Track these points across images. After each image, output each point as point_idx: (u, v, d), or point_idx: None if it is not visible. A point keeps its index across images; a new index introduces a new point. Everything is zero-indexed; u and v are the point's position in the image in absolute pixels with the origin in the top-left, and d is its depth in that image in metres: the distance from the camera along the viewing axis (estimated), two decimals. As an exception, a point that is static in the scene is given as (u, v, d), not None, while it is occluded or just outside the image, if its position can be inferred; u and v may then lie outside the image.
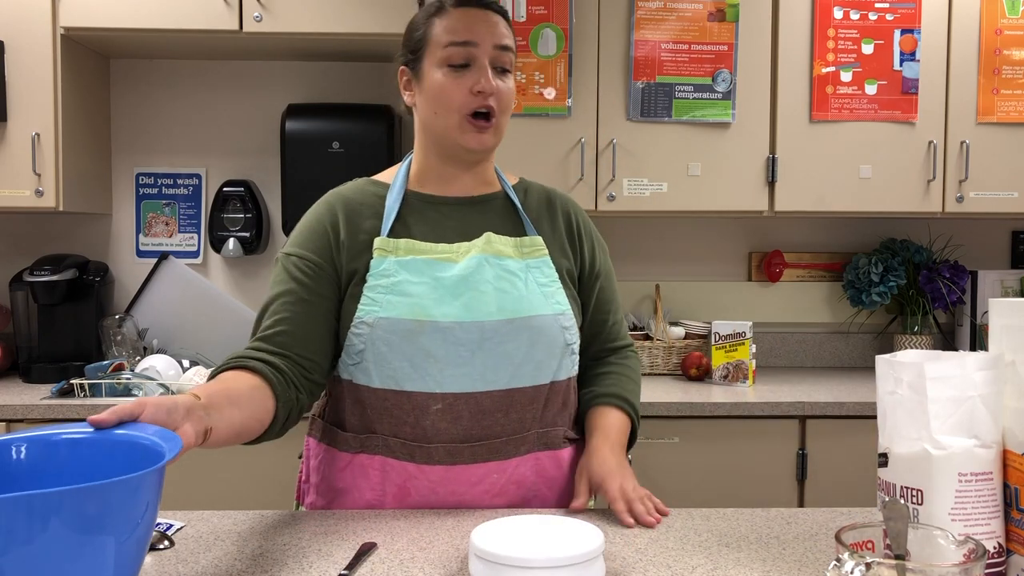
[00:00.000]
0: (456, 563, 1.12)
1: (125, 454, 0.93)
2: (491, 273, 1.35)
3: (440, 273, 1.34)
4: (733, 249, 3.09)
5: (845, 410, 2.44)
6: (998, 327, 1.04)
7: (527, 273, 1.38)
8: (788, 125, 2.71)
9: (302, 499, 1.49)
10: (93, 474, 0.93)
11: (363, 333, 1.32)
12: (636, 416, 1.48)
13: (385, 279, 1.33)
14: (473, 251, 1.37)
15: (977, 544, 0.86)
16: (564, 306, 1.39)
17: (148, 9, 2.58)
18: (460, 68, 1.35)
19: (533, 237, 1.42)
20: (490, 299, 1.33)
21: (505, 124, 1.41)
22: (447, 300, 1.32)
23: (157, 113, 3.01)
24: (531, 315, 1.35)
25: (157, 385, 2.45)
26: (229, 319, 2.79)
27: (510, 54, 1.38)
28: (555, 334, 1.37)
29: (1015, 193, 2.74)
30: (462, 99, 1.35)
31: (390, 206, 1.39)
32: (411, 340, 1.30)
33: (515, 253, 1.39)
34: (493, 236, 1.39)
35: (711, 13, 2.67)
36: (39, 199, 2.58)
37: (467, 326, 1.31)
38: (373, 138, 2.78)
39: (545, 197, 1.50)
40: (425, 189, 1.44)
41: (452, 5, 1.38)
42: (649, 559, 1.14)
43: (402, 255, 1.35)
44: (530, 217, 1.46)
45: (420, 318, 1.30)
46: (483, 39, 1.35)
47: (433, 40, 1.37)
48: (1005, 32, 2.71)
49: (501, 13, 1.40)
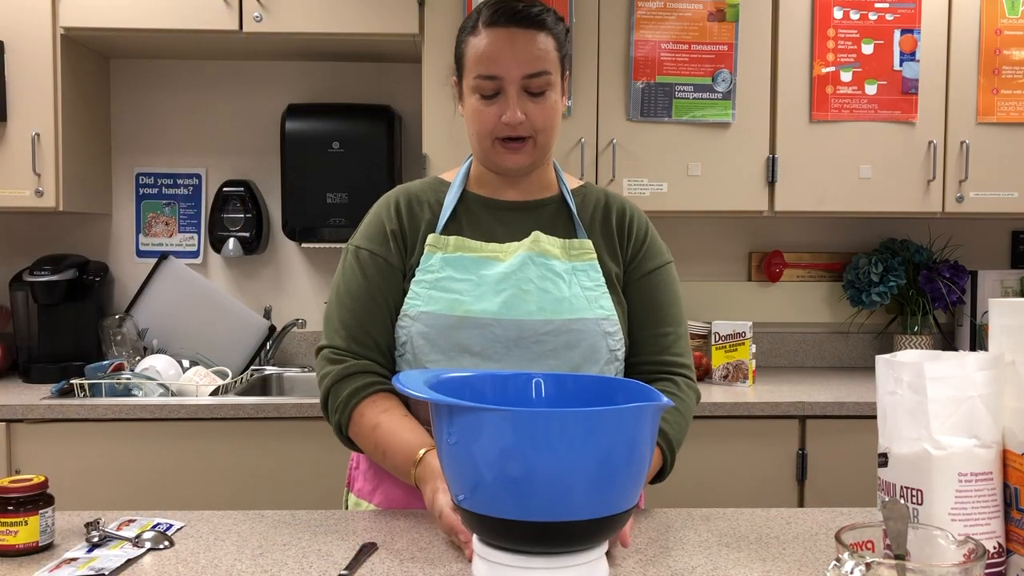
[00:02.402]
0: (456, 563, 1.12)
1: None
2: (535, 272, 1.35)
3: (484, 270, 1.35)
4: (733, 249, 3.09)
5: (845, 410, 2.44)
6: (998, 327, 1.04)
7: (573, 275, 1.37)
8: (788, 125, 2.70)
9: (351, 485, 1.50)
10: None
11: (406, 326, 1.35)
12: (671, 456, 1.37)
13: (430, 274, 1.35)
14: (520, 249, 1.37)
15: (977, 544, 0.86)
16: (608, 311, 1.37)
17: (148, 9, 2.58)
18: (490, 97, 1.34)
19: (583, 240, 1.41)
20: (531, 298, 1.34)
21: (546, 141, 1.38)
22: (488, 296, 1.33)
23: (157, 113, 3.01)
24: (572, 318, 1.34)
25: (157, 385, 2.45)
26: (229, 319, 2.79)
27: (544, 77, 1.33)
28: (597, 339, 1.35)
29: (1015, 193, 2.74)
30: (492, 126, 1.35)
31: (447, 204, 1.41)
32: (449, 335, 1.32)
33: (562, 254, 1.39)
34: (541, 235, 1.39)
35: (711, 13, 2.67)
36: (39, 199, 2.58)
37: (505, 323, 1.32)
38: (373, 138, 2.78)
39: (604, 202, 1.47)
40: (482, 191, 1.45)
41: (484, 24, 1.34)
42: (649, 559, 1.14)
43: (451, 252, 1.37)
44: (584, 221, 1.44)
45: (458, 313, 1.32)
46: (509, 70, 1.32)
47: (466, 64, 1.36)
48: (1005, 32, 2.71)
49: (537, 25, 1.34)
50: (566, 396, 1.12)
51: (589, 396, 1.10)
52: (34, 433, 2.34)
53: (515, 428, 0.91)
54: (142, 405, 2.34)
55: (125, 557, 1.13)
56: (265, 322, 2.83)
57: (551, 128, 1.37)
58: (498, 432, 0.91)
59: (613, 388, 1.09)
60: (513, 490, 0.91)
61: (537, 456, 0.90)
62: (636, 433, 0.94)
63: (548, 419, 0.91)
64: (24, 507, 1.14)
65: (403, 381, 1.02)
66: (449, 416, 0.95)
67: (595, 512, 0.93)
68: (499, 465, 0.91)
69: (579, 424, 0.91)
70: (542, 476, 0.91)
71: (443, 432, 0.97)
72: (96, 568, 1.09)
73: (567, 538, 0.94)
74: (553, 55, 1.35)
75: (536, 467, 0.91)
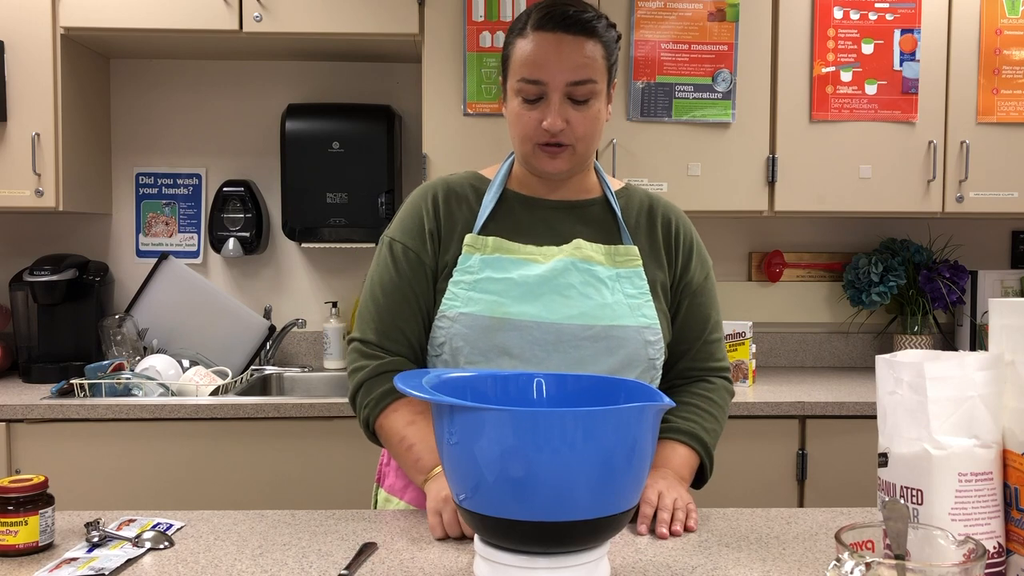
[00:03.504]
0: (457, 563, 1.12)
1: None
2: (577, 278, 1.34)
3: (524, 272, 1.34)
4: (733, 249, 3.09)
5: (845, 410, 2.44)
6: (998, 327, 1.04)
7: (616, 282, 1.36)
8: (788, 125, 2.70)
9: (382, 481, 1.50)
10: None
11: (444, 327, 1.34)
12: (708, 459, 1.40)
13: (469, 275, 1.34)
14: (561, 254, 1.36)
15: (977, 544, 0.86)
16: (651, 320, 1.36)
17: (148, 9, 2.58)
18: (533, 102, 1.32)
19: (628, 246, 1.39)
20: (573, 303, 1.33)
21: (587, 149, 1.36)
22: (527, 299, 1.32)
23: (157, 113, 3.01)
24: (613, 324, 1.33)
25: (157, 385, 2.45)
26: (229, 319, 2.79)
27: (589, 85, 1.31)
28: (637, 347, 1.34)
29: (1015, 193, 2.74)
30: (532, 131, 1.33)
31: (486, 203, 1.40)
32: (488, 337, 1.31)
33: (606, 261, 1.37)
34: (583, 242, 1.37)
35: (711, 13, 2.67)
36: (39, 199, 2.58)
37: (545, 326, 1.31)
38: (373, 138, 2.78)
39: (647, 205, 1.46)
40: (523, 190, 1.43)
41: (532, 27, 1.32)
42: (649, 559, 1.14)
43: (489, 253, 1.35)
44: (628, 225, 1.42)
45: (498, 315, 1.31)
46: (554, 76, 1.30)
47: (512, 65, 1.34)
48: (1005, 32, 2.71)
49: (587, 32, 1.32)
50: (567, 396, 1.12)
51: (590, 396, 1.10)
52: (34, 433, 2.34)
53: (516, 428, 0.91)
54: (142, 405, 2.34)
55: (125, 557, 1.13)
56: (265, 322, 2.83)
57: (593, 136, 1.35)
58: (499, 432, 0.92)
59: (614, 388, 1.09)
60: (514, 490, 0.92)
61: (538, 456, 0.90)
62: (637, 433, 0.94)
63: (549, 419, 0.91)
64: (24, 507, 1.14)
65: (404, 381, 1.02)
66: (451, 416, 0.95)
67: (596, 512, 0.93)
68: (500, 465, 0.92)
69: (580, 424, 0.91)
70: (543, 476, 0.91)
71: (444, 432, 0.97)
72: (96, 568, 1.09)
73: (568, 538, 0.94)
74: (600, 63, 1.33)
75: (537, 467, 0.91)
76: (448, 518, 1.20)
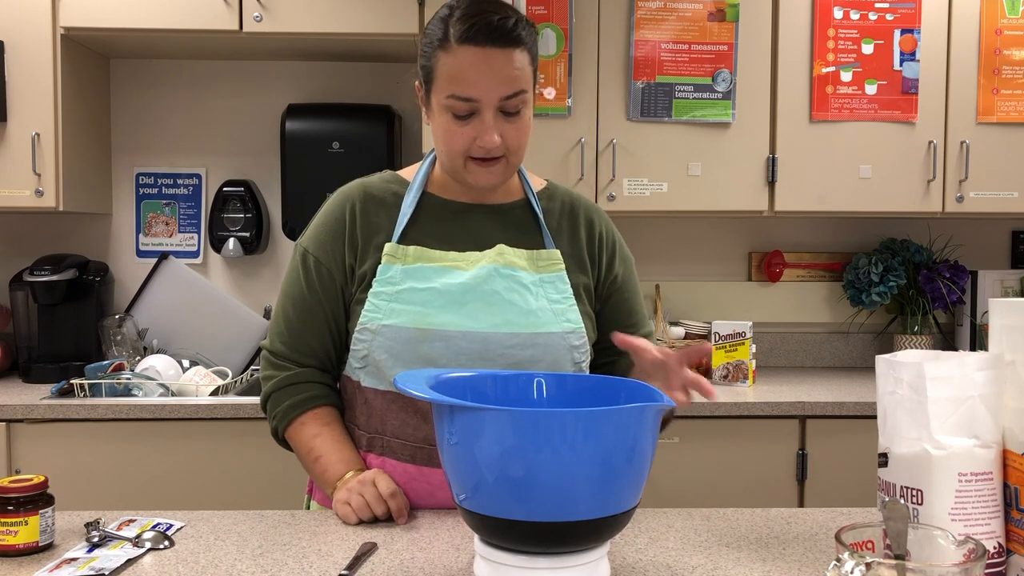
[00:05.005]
0: (457, 563, 1.12)
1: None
2: (501, 284, 1.32)
3: (447, 280, 1.32)
4: (733, 249, 3.09)
5: (845, 410, 2.44)
6: (998, 327, 1.04)
7: (540, 287, 1.35)
8: (788, 125, 2.70)
9: (313, 493, 1.50)
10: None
11: (366, 339, 1.32)
12: None
13: (390, 287, 1.32)
14: (484, 260, 1.34)
15: (977, 544, 0.86)
16: (575, 324, 1.35)
17: (148, 9, 2.58)
18: (463, 117, 1.28)
19: (550, 251, 1.38)
20: (496, 311, 1.31)
21: (518, 159, 1.34)
22: (451, 308, 1.31)
23: (157, 113, 3.01)
24: (537, 331, 1.32)
25: (157, 385, 2.45)
26: (229, 319, 2.79)
27: (521, 96, 1.28)
28: (561, 352, 1.33)
29: (1015, 193, 2.74)
30: (464, 146, 1.30)
31: (405, 208, 1.38)
32: (412, 348, 1.30)
33: (529, 266, 1.36)
34: (506, 248, 1.35)
35: (711, 13, 2.67)
36: (39, 199, 2.58)
37: (471, 336, 1.30)
38: (373, 138, 2.78)
39: (569, 206, 1.45)
40: (444, 193, 1.41)
41: (457, 40, 1.26)
42: (649, 559, 1.14)
43: (410, 263, 1.33)
44: (551, 227, 1.41)
45: (422, 326, 1.30)
46: (486, 93, 1.26)
47: (437, 80, 1.29)
48: (1005, 32, 2.71)
49: (514, 42, 1.27)
50: (567, 396, 1.12)
51: (590, 396, 1.10)
52: (34, 433, 2.34)
53: (516, 428, 0.91)
54: (142, 405, 2.34)
55: (125, 557, 1.13)
56: (265, 322, 2.83)
57: (524, 146, 1.33)
58: (499, 432, 0.92)
59: (615, 388, 1.09)
60: (514, 490, 0.92)
61: (538, 456, 0.90)
62: (637, 433, 0.94)
63: (549, 419, 0.91)
64: (24, 507, 1.14)
65: (404, 381, 1.02)
66: (451, 416, 0.95)
67: (596, 512, 0.93)
68: (500, 465, 0.92)
69: (580, 424, 0.91)
70: (543, 476, 0.91)
71: (445, 432, 0.97)
72: (96, 568, 1.09)
73: (568, 538, 0.94)
74: (528, 71, 1.30)
75: (537, 467, 0.91)
76: (356, 503, 1.26)
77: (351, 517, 1.26)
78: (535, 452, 0.90)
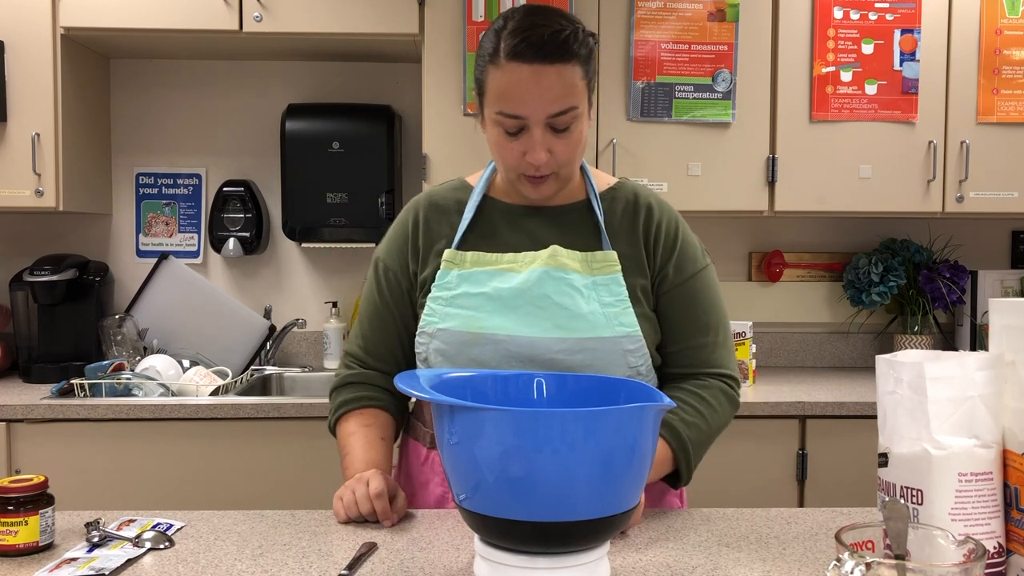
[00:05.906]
0: (457, 563, 1.12)
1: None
2: (552, 288, 1.31)
3: (500, 284, 1.33)
4: (733, 249, 3.09)
5: (845, 410, 2.44)
6: (998, 327, 1.04)
7: (592, 291, 1.32)
8: (788, 125, 2.70)
9: None
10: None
11: (424, 343, 1.37)
12: (684, 454, 1.32)
13: (447, 291, 1.35)
14: (536, 263, 1.33)
15: (977, 544, 0.86)
16: (630, 328, 1.31)
17: (148, 9, 2.58)
18: (513, 133, 1.27)
19: (606, 252, 1.35)
20: (547, 315, 1.30)
21: (570, 172, 1.33)
22: (502, 312, 1.32)
23: (157, 113, 3.01)
24: (588, 336, 1.30)
25: (157, 385, 2.45)
26: (229, 319, 2.79)
27: (571, 112, 1.26)
28: (614, 357, 1.31)
29: (1015, 193, 2.74)
30: (515, 161, 1.30)
31: (465, 215, 1.40)
32: (464, 351, 1.32)
33: (583, 268, 1.33)
34: (560, 249, 1.34)
35: (711, 13, 2.67)
36: (39, 199, 2.58)
37: (519, 340, 1.30)
38: (373, 138, 2.78)
39: (633, 204, 1.39)
40: (504, 197, 1.41)
41: (506, 55, 1.24)
42: (649, 559, 1.14)
43: (467, 267, 1.35)
44: (611, 228, 1.38)
45: (473, 330, 1.32)
46: (533, 111, 1.24)
47: (488, 94, 1.28)
48: (1005, 32, 2.71)
49: (565, 57, 1.23)
50: (567, 396, 1.12)
51: (590, 396, 1.10)
52: (34, 433, 2.34)
53: (516, 428, 0.91)
54: (142, 405, 2.34)
55: (125, 557, 1.13)
56: (265, 322, 2.83)
57: (576, 159, 1.32)
58: (499, 432, 0.92)
59: (615, 388, 1.09)
60: (514, 490, 0.92)
61: (538, 456, 0.91)
62: (637, 433, 0.94)
63: (549, 419, 0.91)
64: (24, 507, 1.14)
65: (404, 381, 1.02)
66: (451, 416, 0.95)
67: (596, 512, 0.93)
68: (500, 465, 0.92)
69: (580, 424, 0.91)
70: (543, 476, 0.91)
71: (444, 432, 0.97)
72: (96, 568, 1.09)
73: (568, 538, 0.94)
74: (580, 85, 1.26)
75: (537, 467, 0.91)
76: (347, 499, 1.29)
77: (340, 514, 1.29)
78: (535, 452, 0.90)
